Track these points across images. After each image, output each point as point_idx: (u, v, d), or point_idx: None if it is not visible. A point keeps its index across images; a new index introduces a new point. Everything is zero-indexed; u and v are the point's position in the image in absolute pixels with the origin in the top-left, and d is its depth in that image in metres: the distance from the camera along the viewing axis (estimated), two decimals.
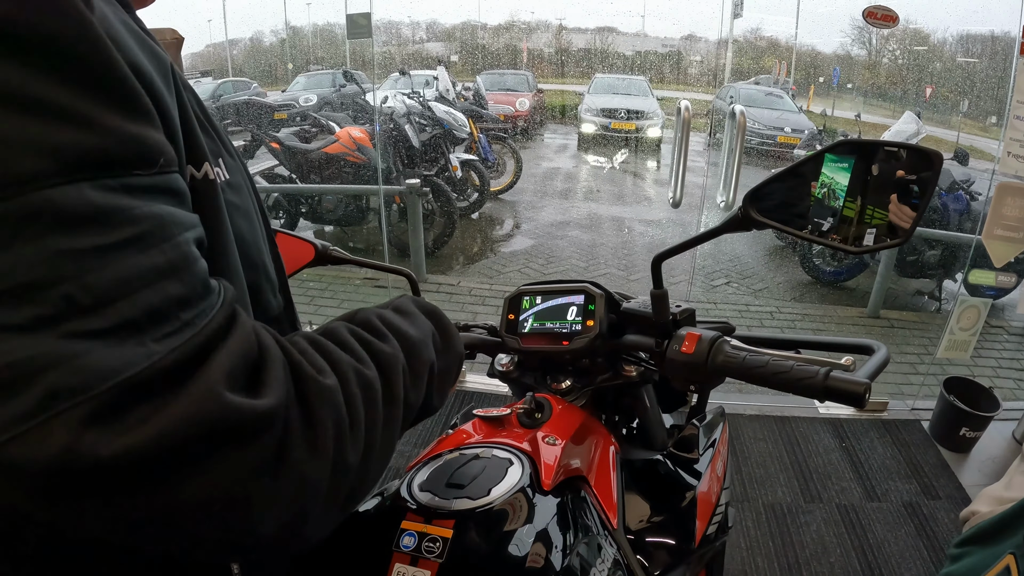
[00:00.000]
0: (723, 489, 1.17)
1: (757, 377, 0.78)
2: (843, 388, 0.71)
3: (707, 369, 0.83)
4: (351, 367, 0.54)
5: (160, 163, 0.44)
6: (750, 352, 0.80)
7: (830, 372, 0.72)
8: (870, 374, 0.73)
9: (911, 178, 0.73)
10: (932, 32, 9.49)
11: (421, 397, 0.64)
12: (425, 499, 0.77)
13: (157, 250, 0.42)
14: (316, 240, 1.09)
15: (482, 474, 0.80)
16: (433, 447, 0.94)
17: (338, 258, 1.12)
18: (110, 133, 0.41)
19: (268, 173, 6.32)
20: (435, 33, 14.50)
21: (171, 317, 0.42)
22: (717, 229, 0.86)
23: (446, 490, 0.78)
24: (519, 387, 1.16)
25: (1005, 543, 0.74)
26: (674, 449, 1.13)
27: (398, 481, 0.85)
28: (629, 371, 1.06)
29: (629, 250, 6.48)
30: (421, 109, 6.29)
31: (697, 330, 0.88)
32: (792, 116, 9.45)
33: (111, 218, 0.40)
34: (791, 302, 5.37)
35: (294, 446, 0.46)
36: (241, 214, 0.62)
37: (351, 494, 0.53)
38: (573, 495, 0.85)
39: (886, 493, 2.69)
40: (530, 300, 1.08)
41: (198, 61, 12.97)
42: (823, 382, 0.72)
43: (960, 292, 3.18)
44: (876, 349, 0.82)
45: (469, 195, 6.81)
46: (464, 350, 0.80)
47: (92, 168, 0.39)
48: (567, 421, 0.96)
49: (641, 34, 14.95)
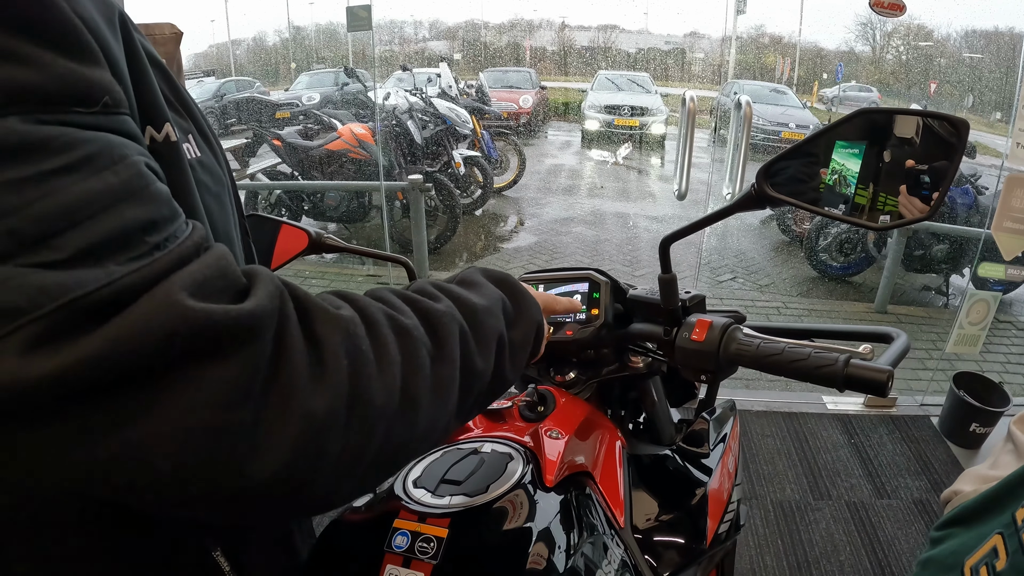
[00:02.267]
0: (735, 485, 1.12)
1: (772, 366, 0.74)
2: (865, 376, 0.67)
3: (719, 357, 0.79)
4: (381, 311, 0.49)
5: (104, 101, 0.41)
6: (764, 340, 0.76)
7: (850, 359, 0.68)
8: (892, 361, 0.68)
9: (922, 168, 0.69)
10: (936, 28, 9.45)
11: (491, 367, 0.59)
12: (419, 496, 0.73)
13: (109, 171, 0.38)
14: (310, 228, 1.04)
15: (480, 470, 0.76)
16: None
17: (332, 246, 1.07)
18: (45, 69, 0.37)
19: (270, 171, 6.32)
20: (438, 32, 14.52)
21: (136, 242, 0.38)
22: (729, 208, 0.81)
23: (442, 487, 0.74)
24: (521, 380, 1.11)
25: (991, 523, 0.68)
26: (683, 444, 1.08)
27: (392, 477, 0.81)
28: (636, 362, 1.02)
29: (634, 246, 6.45)
30: (424, 105, 6.26)
31: (708, 317, 0.84)
32: (796, 112, 9.44)
33: (48, 145, 0.36)
34: (797, 297, 5.34)
35: (291, 367, 0.40)
36: (212, 195, 0.59)
37: (380, 454, 0.47)
38: (577, 492, 0.81)
39: (896, 490, 2.65)
40: (532, 288, 1.04)
41: (201, 61, 13.03)
42: (843, 370, 0.68)
43: (969, 286, 3.13)
44: (895, 336, 0.78)
45: (472, 191, 6.79)
46: (543, 318, 0.71)
47: (25, 103, 0.36)
48: (571, 414, 0.91)
49: (644, 31, 14.96)
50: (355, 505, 0.79)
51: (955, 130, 0.66)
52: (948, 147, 0.67)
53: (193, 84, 11.31)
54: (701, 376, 0.84)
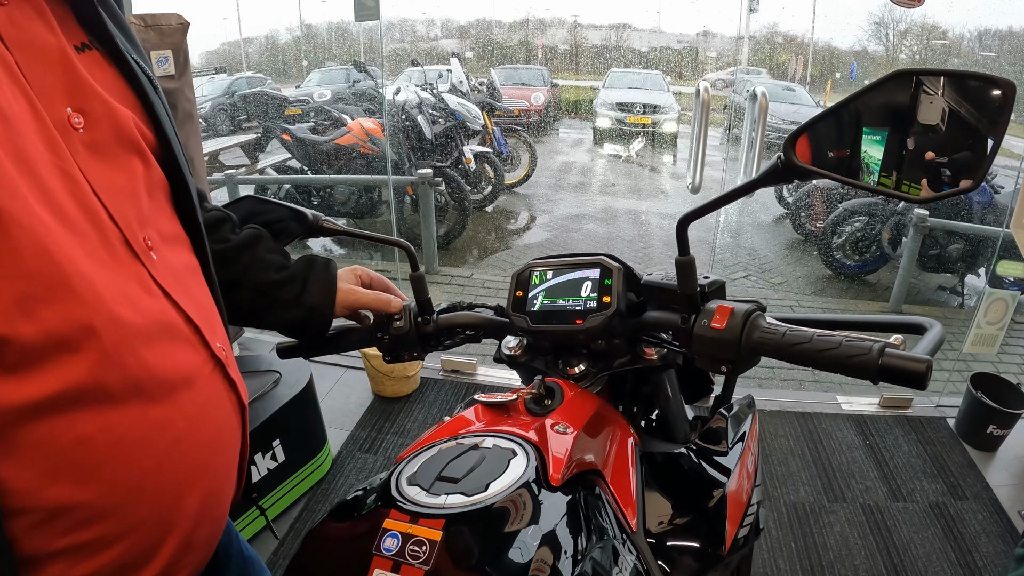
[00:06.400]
0: (754, 487, 1.05)
1: (799, 355, 0.68)
2: (902, 366, 0.61)
3: (741, 347, 0.73)
4: None
5: None
6: (790, 328, 0.71)
7: (885, 348, 0.63)
8: (929, 351, 0.63)
9: (941, 160, 0.63)
10: (950, 28, 9.36)
11: None
12: (413, 495, 0.67)
13: None
14: (307, 210, 1.00)
15: (480, 466, 0.70)
16: (427, 435, 0.84)
17: (330, 229, 1.02)
18: None
19: (280, 166, 6.33)
20: (449, 30, 14.54)
21: None
22: (753, 182, 0.74)
23: (438, 484, 0.68)
24: (528, 373, 1.05)
25: None
26: (700, 441, 1.01)
27: (386, 473, 0.75)
28: (650, 354, 0.95)
29: (645, 243, 6.41)
30: (434, 101, 6.24)
31: (729, 302, 0.77)
32: (809, 110, 9.37)
33: None
34: (811, 296, 5.28)
35: None
36: None
37: None
38: (586, 492, 0.74)
39: (911, 493, 2.60)
40: (540, 275, 0.98)
41: (214, 59, 13.09)
42: (878, 359, 0.62)
43: (987, 286, 3.08)
44: (929, 326, 0.72)
45: (483, 188, 6.77)
46: None
47: None
48: (580, 408, 0.85)
49: (656, 30, 14.92)
50: (346, 499, 0.74)
51: (1001, 93, 0.60)
52: (993, 111, 0.61)
53: (204, 81, 11.37)
54: (720, 367, 0.77)
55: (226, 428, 0.68)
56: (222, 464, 0.68)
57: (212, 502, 0.66)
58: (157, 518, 0.59)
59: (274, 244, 0.93)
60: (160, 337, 0.59)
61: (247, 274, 0.88)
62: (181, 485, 0.61)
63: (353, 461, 2.68)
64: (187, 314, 0.63)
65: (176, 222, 0.70)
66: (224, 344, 0.70)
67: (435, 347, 1.05)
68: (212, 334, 0.66)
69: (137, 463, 0.56)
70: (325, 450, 2.57)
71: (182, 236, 0.70)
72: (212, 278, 0.73)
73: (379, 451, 2.75)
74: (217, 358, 0.67)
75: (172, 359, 0.60)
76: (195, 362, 0.63)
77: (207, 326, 0.66)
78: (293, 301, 0.90)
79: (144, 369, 0.56)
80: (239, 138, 7.30)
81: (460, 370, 3.32)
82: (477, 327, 1.03)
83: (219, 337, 0.68)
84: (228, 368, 0.69)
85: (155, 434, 0.58)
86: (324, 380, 3.19)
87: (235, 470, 0.73)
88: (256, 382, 2.29)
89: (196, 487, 0.63)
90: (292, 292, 0.90)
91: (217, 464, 0.66)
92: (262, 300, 0.89)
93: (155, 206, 0.65)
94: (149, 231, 0.62)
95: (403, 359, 1.05)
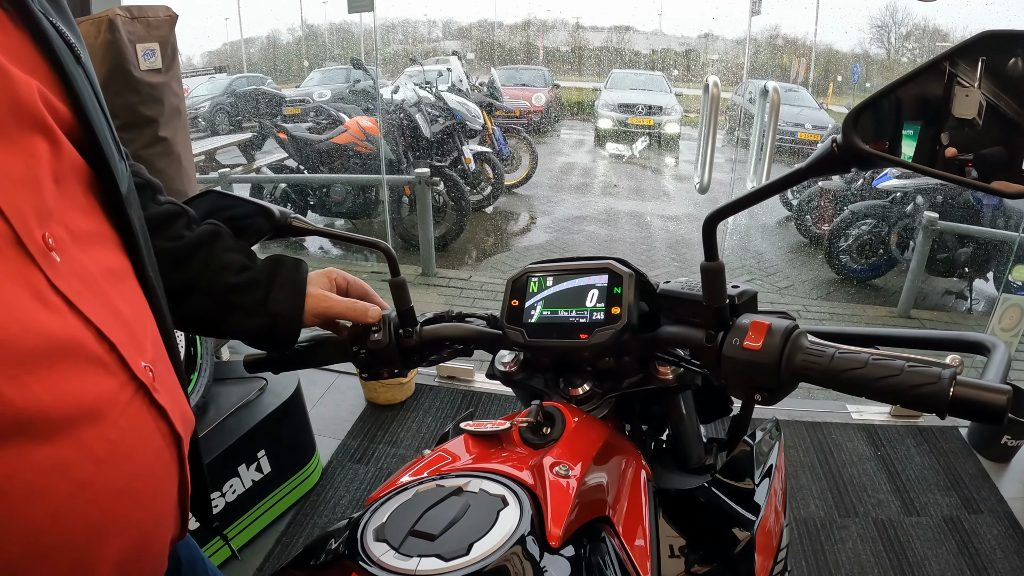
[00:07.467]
0: (784, 527, 0.91)
1: (853, 383, 0.57)
2: (977, 397, 0.50)
3: (781, 371, 0.61)
4: None
5: None
6: (840, 349, 0.59)
7: (955, 375, 0.52)
8: (1002, 377, 0.52)
9: (965, 157, 0.53)
10: (952, 30, 9.33)
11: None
12: (378, 554, 0.55)
13: None
14: (273, 206, 0.87)
15: (463, 519, 0.58)
16: (403, 472, 0.71)
17: (300, 228, 0.89)
18: None
19: (276, 165, 6.27)
20: (451, 32, 14.53)
21: None
22: (802, 171, 0.60)
23: (410, 541, 0.56)
24: (526, 392, 0.94)
25: None
26: (721, 476, 0.88)
27: (357, 514, 0.63)
28: (664, 373, 0.83)
29: (648, 245, 6.31)
30: (433, 99, 6.16)
31: (764, 317, 0.66)
32: (812, 112, 9.35)
33: None
34: (818, 300, 5.20)
35: None
36: None
37: None
38: (592, 544, 0.62)
39: (925, 506, 2.49)
40: (539, 282, 0.86)
41: (215, 59, 13.09)
42: (948, 389, 0.51)
43: (1001, 292, 2.98)
44: (992, 346, 0.60)
45: (482, 188, 6.69)
46: None
47: None
48: (585, 439, 0.73)
49: (658, 32, 14.90)
50: (313, 544, 0.63)
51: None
52: None
53: (204, 80, 11.34)
54: (754, 395, 0.65)
55: (153, 467, 0.56)
56: (149, 510, 0.55)
57: (138, 553, 0.54)
58: None
59: (235, 242, 0.81)
60: (56, 360, 0.47)
61: (202, 276, 0.77)
62: (91, 538, 0.49)
63: (344, 472, 2.57)
64: (99, 329, 0.50)
65: (97, 216, 0.57)
66: (156, 363, 0.58)
67: (418, 363, 0.93)
68: (135, 352, 0.54)
69: (26, 517, 0.45)
70: (314, 460, 2.46)
71: (106, 233, 0.58)
72: (150, 283, 0.62)
73: (371, 462, 2.64)
74: (140, 381, 0.54)
75: (72, 386, 0.48)
76: (106, 389, 0.51)
77: (128, 343, 0.53)
78: (255, 307, 0.78)
79: (30, 401, 0.44)
80: (234, 137, 7.23)
81: (457, 376, 3.21)
82: (467, 340, 0.91)
83: (146, 355, 0.56)
84: (156, 393, 0.56)
85: (48, 481, 0.46)
86: (315, 386, 3.09)
87: (173, 511, 0.61)
88: (241, 389, 2.19)
89: (112, 539, 0.51)
90: (254, 297, 0.78)
91: (141, 511, 0.54)
92: (220, 306, 0.78)
93: (65, 197, 0.52)
94: (53, 227, 0.49)
95: (382, 376, 0.92)
